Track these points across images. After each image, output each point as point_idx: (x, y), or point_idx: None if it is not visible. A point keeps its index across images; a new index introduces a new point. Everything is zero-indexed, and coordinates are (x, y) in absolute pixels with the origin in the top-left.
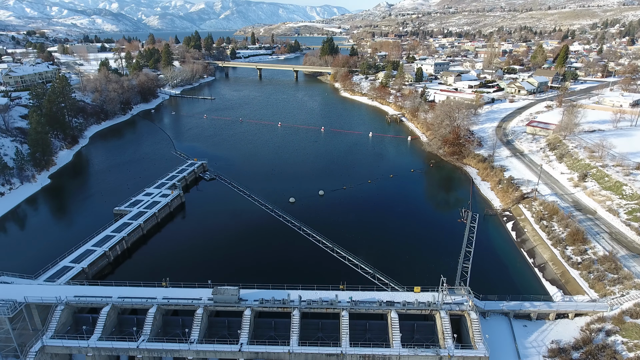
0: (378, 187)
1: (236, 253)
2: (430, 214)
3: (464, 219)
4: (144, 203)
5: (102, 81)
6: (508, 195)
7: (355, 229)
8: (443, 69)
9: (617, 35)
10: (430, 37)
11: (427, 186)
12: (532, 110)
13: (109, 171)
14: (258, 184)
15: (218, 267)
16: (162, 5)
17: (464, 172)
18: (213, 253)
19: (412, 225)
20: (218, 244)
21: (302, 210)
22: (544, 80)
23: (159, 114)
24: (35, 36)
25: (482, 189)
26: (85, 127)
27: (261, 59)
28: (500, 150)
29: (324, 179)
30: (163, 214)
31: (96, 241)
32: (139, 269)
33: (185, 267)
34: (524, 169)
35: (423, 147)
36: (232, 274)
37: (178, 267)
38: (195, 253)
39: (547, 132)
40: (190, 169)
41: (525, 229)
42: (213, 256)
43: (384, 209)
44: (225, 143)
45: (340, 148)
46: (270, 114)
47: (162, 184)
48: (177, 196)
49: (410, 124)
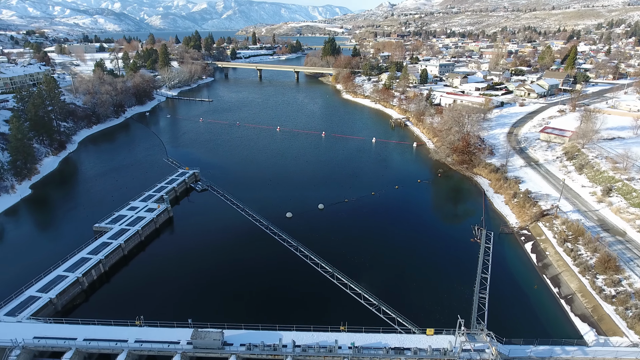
0: (382, 199)
1: (224, 281)
2: (440, 231)
3: (478, 238)
4: (127, 219)
5: (95, 83)
6: (525, 211)
7: (358, 250)
8: (448, 70)
9: (623, 36)
10: (433, 37)
11: (435, 199)
12: (544, 114)
13: (95, 180)
14: (253, 195)
15: (202, 298)
16: (164, 5)
17: (475, 182)
18: (198, 281)
19: (420, 246)
20: (204, 268)
21: (299, 227)
22: (554, 83)
23: (153, 117)
24: (34, 36)
25: (496, 203)
26: (75, 132)
27: (262, 60)
28: (514, 159)
29: (324, 190)
30: (147, 231)
31: (69, 265)
32: (115, 298)
33: (166, 296)
34: (540, 181)
35: (430, 155)
36: (218, 307)
37: (159, 294)
38: (178, 281)
39: (562, 140)
40: (180, 179)
41: (546, 251)
42: (198, 284)
43: (389, 226)
44: (220, 149)
45: (342, 155)
46: (269, 118)
47: (149, 196)
48: (165, 210)
49: (415, 128)
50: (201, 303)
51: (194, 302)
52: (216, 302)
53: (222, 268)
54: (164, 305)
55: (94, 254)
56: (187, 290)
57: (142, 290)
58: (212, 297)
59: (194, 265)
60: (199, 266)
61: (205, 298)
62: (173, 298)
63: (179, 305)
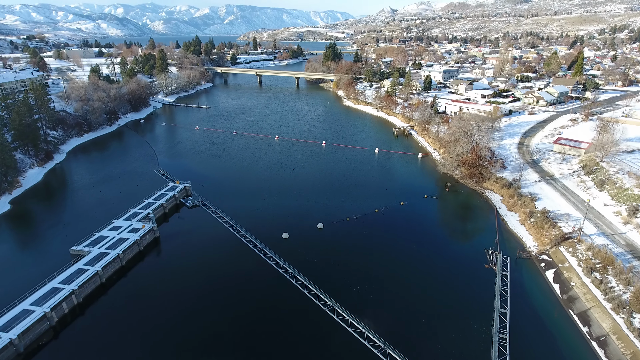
0: (387, 218)
1: (211, 315)
2: (451, 256)
3: (493, 264)
4: (108, 241)
5: (88, 89)
6: (543, 233)
7: (361, 278)
8: (452, 77)
9: (627, 41)
10: (435, 42)
11: (443, 217)
12: (556, 124)
13: (80, 194)
14: (248, 211)
15: (187, 334)
16: (167, 11)
17: (485, 198)
18: (183, 312)
19: (429, 274)
20: (191, 298)
21: (296, 250)
22: (564, 90)
23: (148, 125)
24: (34, 41)
25: (510, 222)
26: (64, 141)
27: (262, 65)
28: (527, 172)
29: (324, 206)
30: (130, 254)
31: (37, 297)
32: (89, 335)
33: (147, 332)
34: (557, 198)
35: (437, 167)
36: (204, 346)
37: (139, 331)
38: (161, 315)
39: (578, 152)
40: (170, 195)
41: (571, 282)
42: (183, 317)
43: (394, 249)
44: (215, 159)
45: (343, 167)
46: (268, 126)
47: (134, 214)
48: (150, 231)
49: (420, 138)
50: (185, 340)
51: (178, 338)
52: (202, 340)
53: (210, 299)
54: (144, 343)
55: (66, 283)
56: (170, 325)
57: (121, 325)
58: (198, 334)
59: (180, 295)
60: (185, 297)
61: (190, 335)
62: (155, 334)
63: (159, 345)
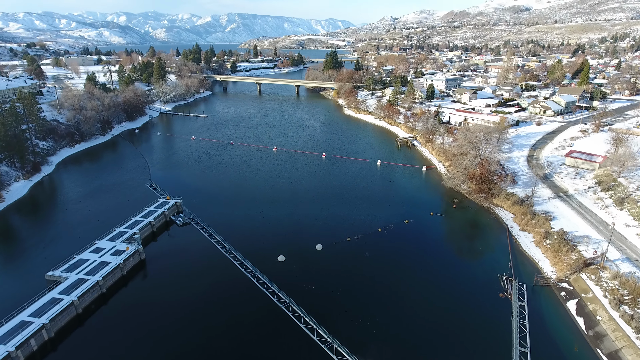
0: (391, 238)
1: (196, 350)
2: (461, 282)
3: (508, 293)
4: (88, 265)
5: (82, 98)
6: (562, 258)
7: (363, 308)
8: (455, 85)
9: (629, 50)
10: (436, 50)
11: (451, 237)
12: (565, 135)
13: (65, 209)
14: (242, 230)
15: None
16: (169, 19)
17: (495, 215)
18: (167, 348)
19: (438, 304)
20: (176, 331)
21: (293, 275)
22: (571, 100)
23: (143, 135)
24: (35, 48)
25: (523, 244)
26: (54, 152)
27: (263, 73)
28: (539, 188)
29: (323, 224)
30: (111, 280)
31: (2, 333)
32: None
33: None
34: (574, 217)
35: (442, 181)
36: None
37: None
38: (137, 353)
39: (591, 165)
40: (159, 212)
41: (597, 315)
42: (166, 355)
43: (399, 274)
44: (210, 172)
45: (344, 181)
46: (266, 136)
47: (119, 233)
48: (135, 253)
49: (423, 149)
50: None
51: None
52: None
53: (196, 332)
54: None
55: (37, 315)
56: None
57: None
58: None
59: (163, 326)
60: (169, 328)
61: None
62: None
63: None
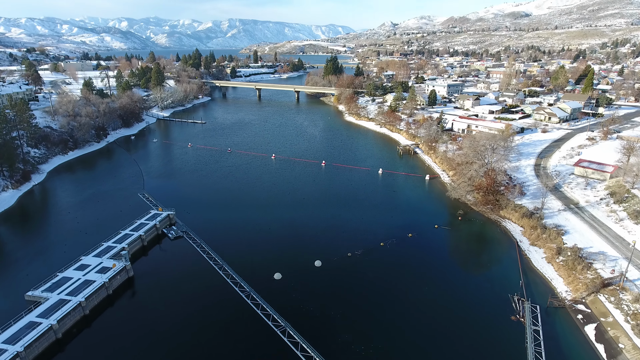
0: (394, 253)
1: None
2: (470, 302)
3: (521, 316)
4: (71, 284)
5: (77, 104)
6: (576, 276)
7: (365, 333)
8: (457, 91)
9: (630, 55)
10: (436, 56)
11: (457, 252)
12: (572, 143)
13: (52, 221)
14: (236, 244)
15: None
16: (170, 24)
17: (503, 228)
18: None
19: (446, 326)
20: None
21: (290, 295)
22: (577, 106)
23: (139, 141)
24: (35, 53)
25: (534, 260)
26: (47, 159)
27: (262, 78)
28: (549, 200)
29: (322, 238)
30: (95, 300)
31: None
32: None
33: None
34: (587, 232)
35: (447, 191)
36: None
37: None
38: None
39: (602, 176)
40: (150, 225)
41: (619, 342)
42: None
43: (402, 293)
44: (205, 181)
45: (345, 190)
46: (265, 143)
47: (107, 248)
48: (122, 270)
49: (426, 157)
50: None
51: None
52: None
53: (187, 358)
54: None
55: (11, 342)
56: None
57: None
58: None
59: (151, 350)
60: (156, 356)
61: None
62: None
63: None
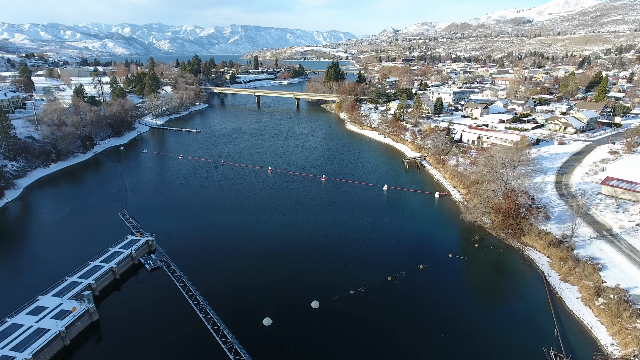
0: (402, 290)
1: None
2: (495, 357)
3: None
4: (20, 333)
5: (64, 112)
6: (624, 326)
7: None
8: (463, 98)
9: (635, 61)
10: (438, 61)
11: (477, 288)
12: (594, 157)
13: (17, 249)
14: (222, 279)
15: None
16: (172, 30)
17: (527, 258)
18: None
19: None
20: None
21: (282, 347)
22: (593, 115)
23: (128, 152)
24: (34, 59)
25: (568, 300)
26: (25, 173)
27: (262, 84)
28: (577, 226)
29: (321, 271)
30: (47, 356)
31: None
32: None
33: None
34: (628, 266)
35: (460, 213)
36: None
37: None
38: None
39: (635, 196)
40: (125, 253)
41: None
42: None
43: (416, 339)
44: (194, 199)
45: (347, 211)
46: (261, 154)
47: (71, 284)
48: (84, 314)
49: (434, 171)
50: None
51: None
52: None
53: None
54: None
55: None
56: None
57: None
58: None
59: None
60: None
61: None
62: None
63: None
